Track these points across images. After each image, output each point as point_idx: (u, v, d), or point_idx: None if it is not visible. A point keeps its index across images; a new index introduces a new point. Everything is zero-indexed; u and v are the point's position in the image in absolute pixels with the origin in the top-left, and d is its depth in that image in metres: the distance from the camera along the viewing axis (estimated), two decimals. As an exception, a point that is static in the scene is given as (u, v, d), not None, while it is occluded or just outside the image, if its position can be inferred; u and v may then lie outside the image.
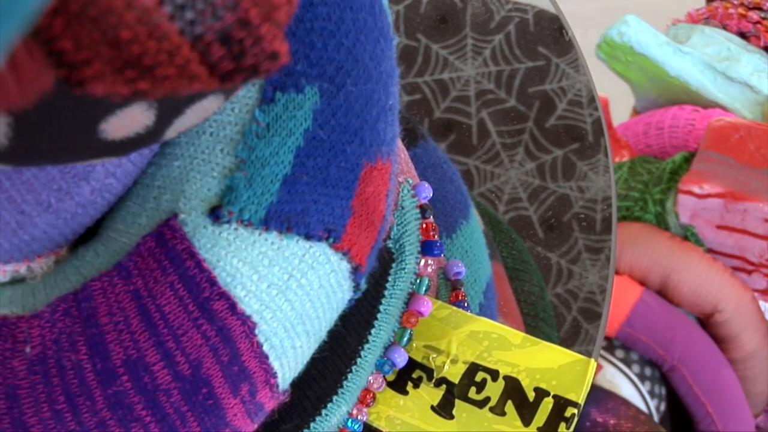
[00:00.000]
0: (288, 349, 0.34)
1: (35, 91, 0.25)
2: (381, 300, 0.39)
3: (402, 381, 0.40)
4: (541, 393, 0.37)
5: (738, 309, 0.79)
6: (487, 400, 0.38)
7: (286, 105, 0.33)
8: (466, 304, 0.42)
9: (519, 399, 0.38)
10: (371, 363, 0.39)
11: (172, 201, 0.33)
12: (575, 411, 0.37)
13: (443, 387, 0.39)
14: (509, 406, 0.38)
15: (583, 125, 0.68)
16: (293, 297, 0.33)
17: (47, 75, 0.25)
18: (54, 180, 0.33)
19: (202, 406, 0.32)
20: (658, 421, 0.79)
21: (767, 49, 0.87)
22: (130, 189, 0.35)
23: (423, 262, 0.40)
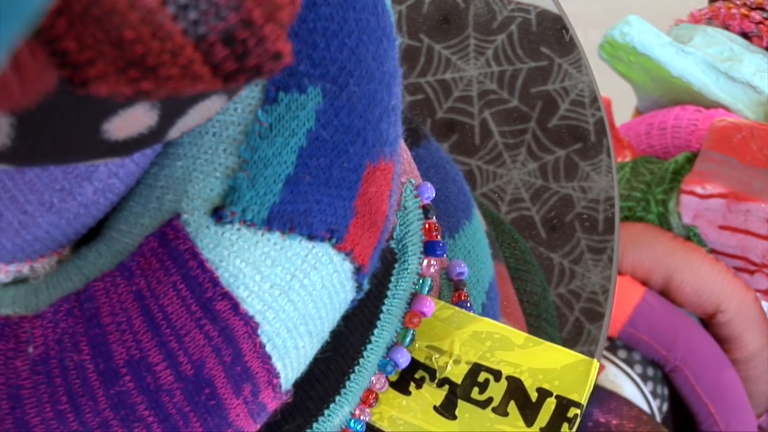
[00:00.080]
0: (291, 350, 0.34)
1: (38, 91, 0.25)
2: (384, 300, 0.39)
3: (404, 381, 0.40)
4: (544, 393, 0.37)
5: (740, 309, 0.79)
6: (490, 400, 0.38)
7: (289, 105, 0.33)
8: (468, 304, 0.42)
9: (522, 399, 0.38)
10: (374, 363, 0.39)
11: (174, 201, 0.33)
12: (578, 411, 0.37)
13: (446, 387, 0.39)
14: (512, 406, 0.38)
15: (586, 125, 0.68)
16: (296, 297, 0.33)
17: (50, 75, 0.25)
18: (57, 180, 0.33)
19: (204, 406, 0.32)
20: (660, 422, 0.79)
21: (770, 50, 0.87)
22: (132, 189, 0.35)
23: (426, 262, 0.40)
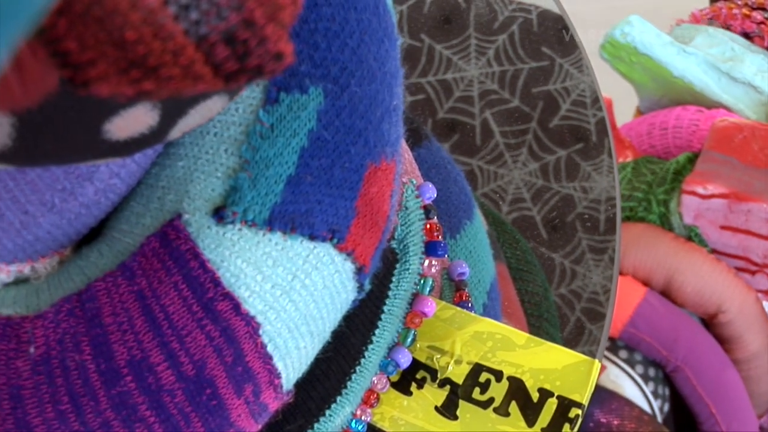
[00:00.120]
0: (292, 350, 0.34)
1: (39, 92, 0.25)
2: (385, 300, 0.39)
3: (406, 382, 0.39)
4: (545, 394, 0.37)
5: (742, 309, 0.79)
6: (491, 400, 0.38)
7: (290, 105, 0.33)
8: (470, 304, 0.42)
9: (523, 400, 0.38)
10: (375, 364, 0.39)
11: (176, 201, 0.33)
12: (579, 412, 0.37)
13: (447, 388, 0.39)
14: (513, 406, 0.38)
15: (587, 125, 0.68)
16: (297, 297, 0.33)
17: (51, 75, 0.25)
18: (58, 180, 0.33)
19: (206, 406, 0.32)
20: (661, 422, 0.79)
21: (771, 50, 0.87)
22: (134, 189, 0.35)
23: (427, 262, 0.40)
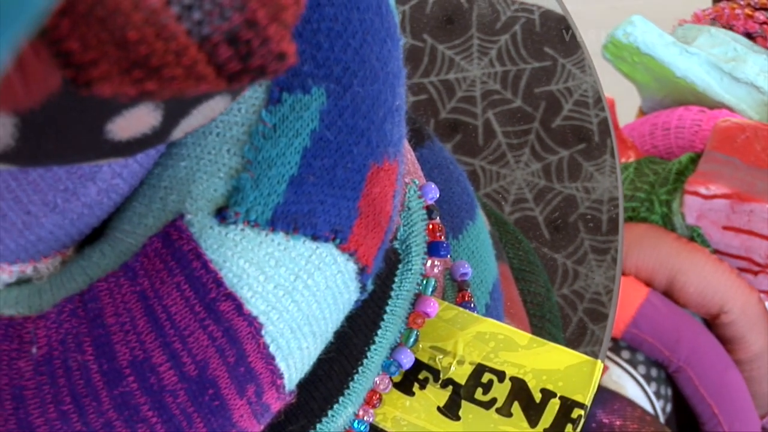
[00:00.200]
0: (294, 350, 0.33)
1: (42, 92, 0.25)
2: (387, 301, 0.39)
3: (408, 382, 0.39)
4: (548, 394, 0.37)
5: (744, 310, 0.79)
6: (494, 401, 0.38)
7: (292, 106, 0.33)
8: (472, 305, 0.42)
9: (525, 400, 0.38)
10: (377, 364, 0.39)
11: (178, 201, 0.33)
12: (582, 412, 0.37)
13: (449, 388, 0.39)
14: (516, 407, 0.38)
15: (590, 126, 0.68)
16: (300, 298, 0.33)
17: (54, 75, 0.25)
18: (60, 180, 0.33)
19: (208, 407, 0.32)
20: (664, 422, 0.79)
21: (774, 50, 0.87)
22: (136, 189, 0.35)
23: (429, 263, 0.40)
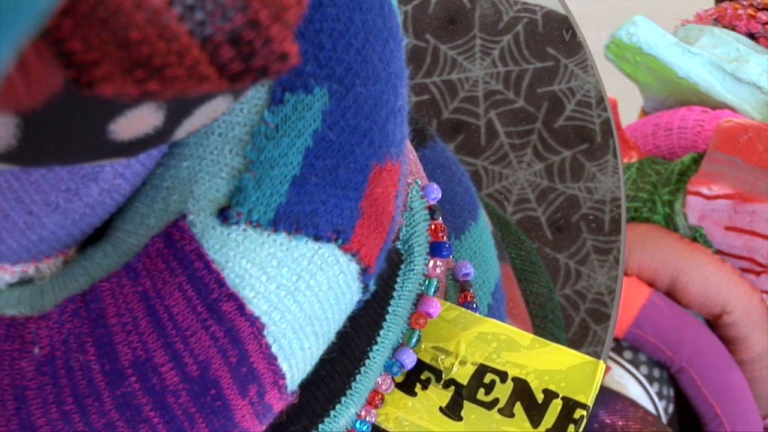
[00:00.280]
0: (296, 351, 0.33)
1: (44, 92, 0.25)
2: (390, 301, 0.39)
3: (410, 382, 0.39)
4: (550, 394, 0.37)
5: (746, 310, 0.79)
6: (496, 401, 0.38)
7: (295, 106, 0.33)
8: (474, 305, 0.42)
9: (528, 400, 0.38)
10: (380, 364, 0.39)
11: (180, 202, 0.33)
12: (584, 413, 0.37)
13: (452, 388, 0.39)
14: (518, 407, 0.38)
15: (592, 126, 0.68)
16: (302, 298, 0.33)
17: (56, 76, 0.25)
18: (62, 180, 0.33)
19: (210, 407, 0.32)
20: (666, 423, 0.79)
21: (776, 50, 0.87)
22: (138, 190, 0.35)
23: (432, 263, 0.40)
